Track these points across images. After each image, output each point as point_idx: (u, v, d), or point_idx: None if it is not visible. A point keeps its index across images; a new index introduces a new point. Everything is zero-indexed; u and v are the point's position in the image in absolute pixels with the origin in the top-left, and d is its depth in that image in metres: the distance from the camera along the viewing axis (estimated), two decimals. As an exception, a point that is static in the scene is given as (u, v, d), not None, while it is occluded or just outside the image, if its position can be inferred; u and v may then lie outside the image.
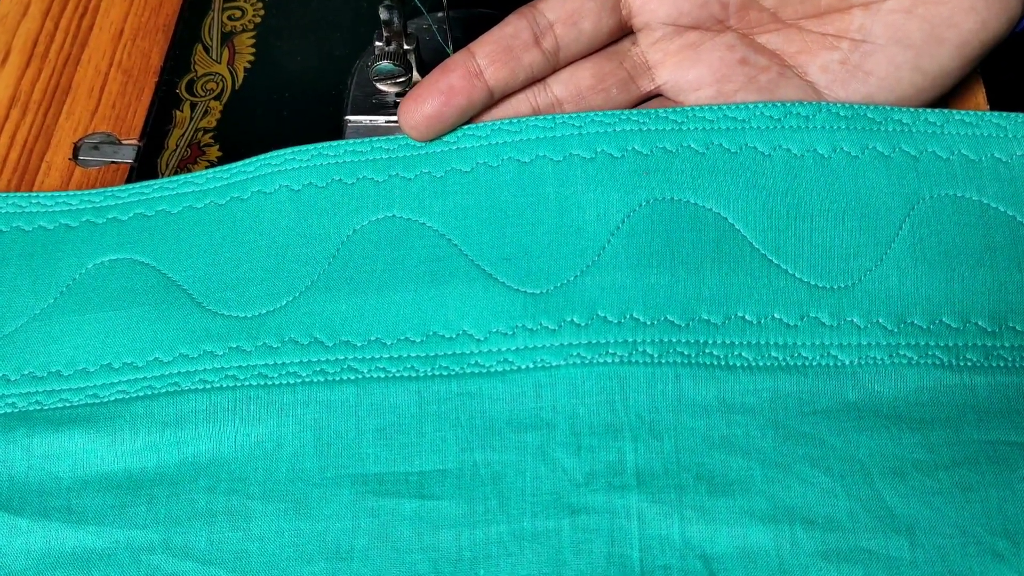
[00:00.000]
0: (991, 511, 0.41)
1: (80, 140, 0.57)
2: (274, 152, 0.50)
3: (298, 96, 0.58)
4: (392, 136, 0.49)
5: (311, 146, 0.49)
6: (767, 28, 0.50)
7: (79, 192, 0.51)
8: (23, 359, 0.47)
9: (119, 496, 0.44)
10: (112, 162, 0.56)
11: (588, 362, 0.44)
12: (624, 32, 0.50)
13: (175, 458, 0.44)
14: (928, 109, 0.48)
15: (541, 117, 0.48)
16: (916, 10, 0.47)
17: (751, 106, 0.47)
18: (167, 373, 0.46)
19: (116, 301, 0.48)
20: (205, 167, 0.54)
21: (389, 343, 0.46)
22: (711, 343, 0.44)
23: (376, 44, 0.55)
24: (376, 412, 0.45)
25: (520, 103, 0.49)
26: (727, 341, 0.44)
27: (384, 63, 0.54)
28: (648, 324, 0.45)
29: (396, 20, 0.53)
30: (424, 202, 0.48)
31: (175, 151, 0.56)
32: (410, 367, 0.45)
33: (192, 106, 0.57)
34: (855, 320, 0.44)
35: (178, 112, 0.57)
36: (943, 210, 0.46)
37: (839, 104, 0.48)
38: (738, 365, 0.44)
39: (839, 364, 0.44)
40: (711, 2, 0.49)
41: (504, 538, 0.42)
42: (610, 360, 0.44)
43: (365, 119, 0.56)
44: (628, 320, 0.45)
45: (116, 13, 0.62)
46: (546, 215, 0.47)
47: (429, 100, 0.47)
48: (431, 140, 0.49)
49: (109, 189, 0.51)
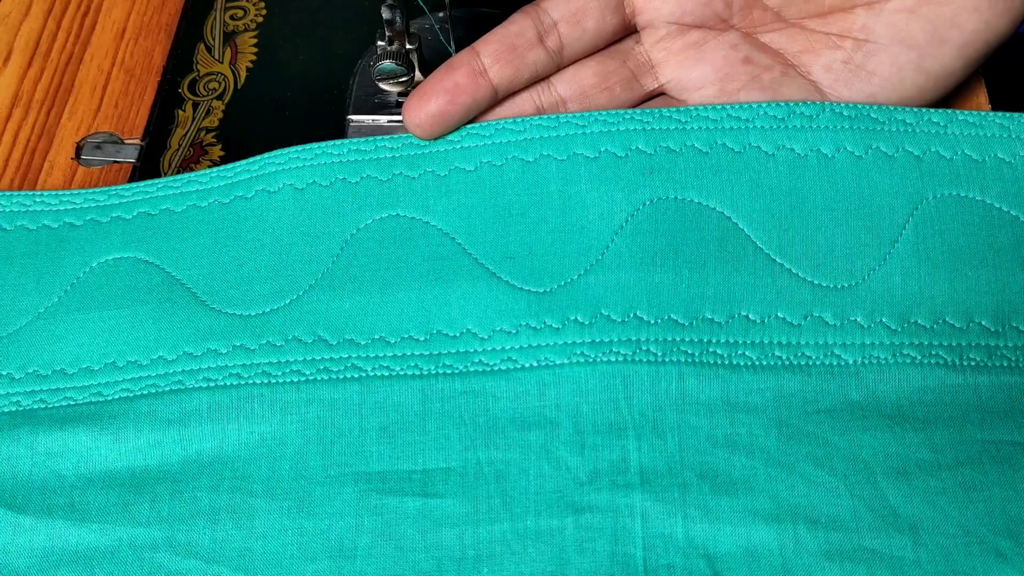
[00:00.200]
0: (994, 511, 0.41)
1: (83, 139, 0.57)
2: (278, 151, 0.50)
3: (300, 96, 0.58)
4: (395, 135, 0.49)
5: (314, 145, 0.49)
6: (770, 27, 0.50)
7: (83, 191, 0.51)
8: (27, 357, 0.47)
9: (123, 494, 0.44)
10: (115, 161, 0.56)
11: (592, 361, 0.44)
12: (628, 31, 0.50)
13: (178, 456, 0.44)
14: (932, 109, 0.48)
15: (545, 116, 0.48)
16: (919, 10, 0.47)
17: (755, 106, 0.47)
18: (171, 371, 0.46)
19: (120, 300, 0.48)
20: (208, 166, 0.54)
21: (393, 341, 0.46)
22: (715, 342, 0.44)
23: (378, 44, 0.55)
24: (380, 410, 0.45)
25: (524, 102, 0.49)
26: (731, 340, 0.44)
27: (386, 63, 0.54)
28: (652, 323, 0.45)
29: (398, 19, 0.53)
30: (428, 201, 0.48)
31: (178, 150, 0.56)
32: (414, 365, 0.45)
33: (194, 105, 0.58)
34: (859, 320, 0.44)
35: (180, 111, 0.57)
36: (946, 210, 0.46)
37: (843, 104, 0.48)
38: (742, 364, 0.44)
39: (843, 364, 0.44)
40: (715, 1, 0.49)
41: (508, 537, 0.42)
42: (614, 359, 0.44)
43: (367, 118, 0.56)
44: (632, 319, 0.45)
45: (118, 12, 0.62)
46: (550, 214, 0.47)
47: (434, 98, 0.47)
48: (435, 139, 0.49)
49: (113, 188, 0.51)
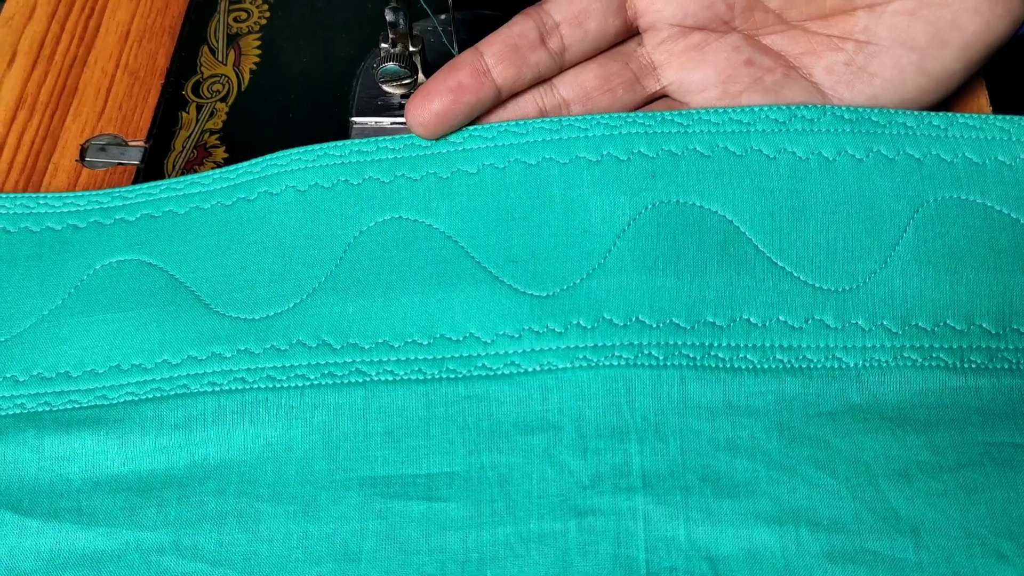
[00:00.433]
0: (996, 513, 0.41)
1: (87, 141, 0.57)
2: (280, 152, 0.50)
3: (304, 98, 0.58)
4: (397, 136, 0.49)
5: (317, 146, 0.49)
6: (772, 29, 0.50)
7: (86, 193, 0.51)
8: (32, 360, 0.47)
9: (129, 498, 0.44)
10: (119, 163, 0.56)
11: (594, 365, 0.44)
12: (630, 33, 0.50)
13: (184, 460, 0.45)
14: (932, 112, 0.48)
15: (547, 119, 0.48)
16: (920, 12, 0.47)
17: (756, 109, 0.47)
18: (176, 375, 0.46)
19: (124, 302, 0.48)
20: (211, 168, 0.54)
21: (396, 345, 0.46)
22: (716, 346, 0.44)
23: (381, 46, 0.56)
24: (384, 415, 0.45)
25: (527, 104, 0.49)
26: (732, 344, 0.45)
27: (390, 65, 0.54)
28: (654, 327, 0.45)
29: (402, 22, 0.53)
30: (430, 203, 0.48)
31: (181, 152, 0.56)
32: (417, 370, 0.45)
33: (198, 108, 0.58)
34: (859, 323, 0.44)
35: (184, 114, 0.57)
36: (947, 213, 0.46)
37: (844, 107, 0.48)
38: (743, 368, 0.44)
39: (844, 366, 0.44)
40: (717, 3, 0.49)
41: (511, 540, 0.42)
42: (616, 363, 0.44)
43: (370, 120, 0.56)
44: (634, 323, 0.45)
45: (122, 15, 0.62)
46: (552, 217, 0.47)
47: (438, 98, 0.47)
48: (438, 138, 0.49)
49: (116, 190, 0.51)
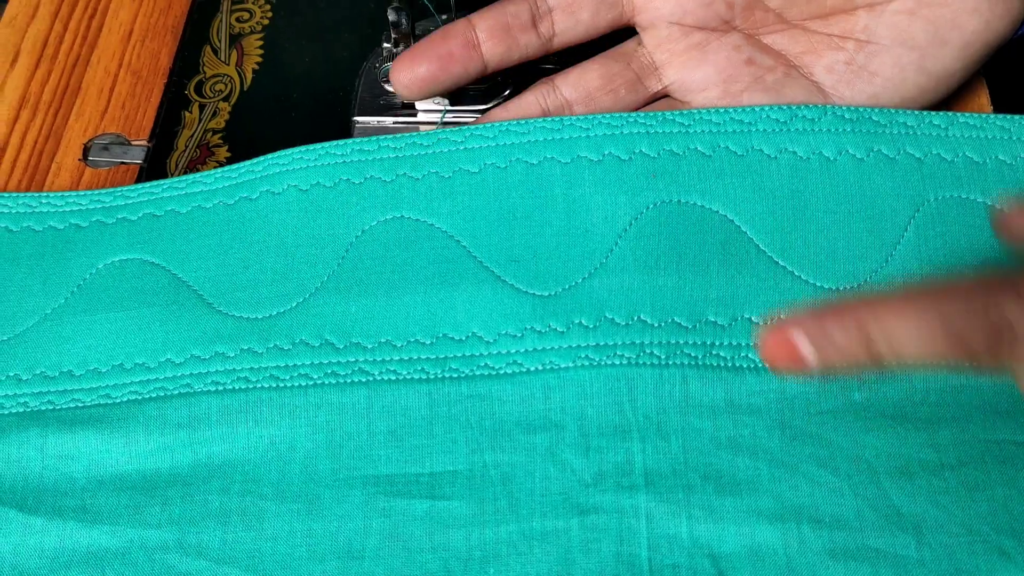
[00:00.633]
0: (997, 510, 0.42)
1: (90, 141, 0.57)
2: (281, 151, 0.50)
3: (306, 97, 0.58)
4: (399, 135, 0.50)
5: (318, 145, 0.50)
6: (773, 28, 0.50)
7: (88, 192, 0.51)
8: (35, 359, 0.47)
9: (133, 496, 0.44)
10: (122, 163, 0.56)
11: (596, 364, 0.44)
12: (622, 27, 0.51)
13: (188, 459, 0.45)
14: (932, 112, 0.48)
15: (548, 119, 0.48)
16: (920, 12, 0.47)
17: (757, 109, 0.47)
18: (179, 374, 0.46)
19: (127, 301, 0.48)
20: (214, 167, 0.54)
21: (399, 345, 0.46)
22: (718, 345, 0.45)
23: (384, 46, 0.56)
24: (387, 414, 0.45)
25: (529, 105, 0.50)
26: (734, 343, 0.45)
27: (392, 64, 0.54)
28: (655, 326, 0.45)
29: (404, 21, 0.53)
30: (432, 203, 0.48)
31: (184, 152, 0.56)
32: (420, 369, 0.45)
33: (201, 107, 0.58)
34: (861, 321, 0.45)
35: (187, 113, 0.57)
36: (948, 212, 0.46)
37: (844, 107, 0.48)
38: (745, 366, 0.44)
39: None
40: (716, 2, 0.49)
41: (514, 538, 0.42)
42: (618, 362, 0.44)
43: (373, 120, 0.56)
44: (636, 322, 0.45)
45: (125, 15, 0.62)
46: (554, 217, 0.47)
47: (426, 63, 0.48)
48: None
49: (119, 189, 0.51)
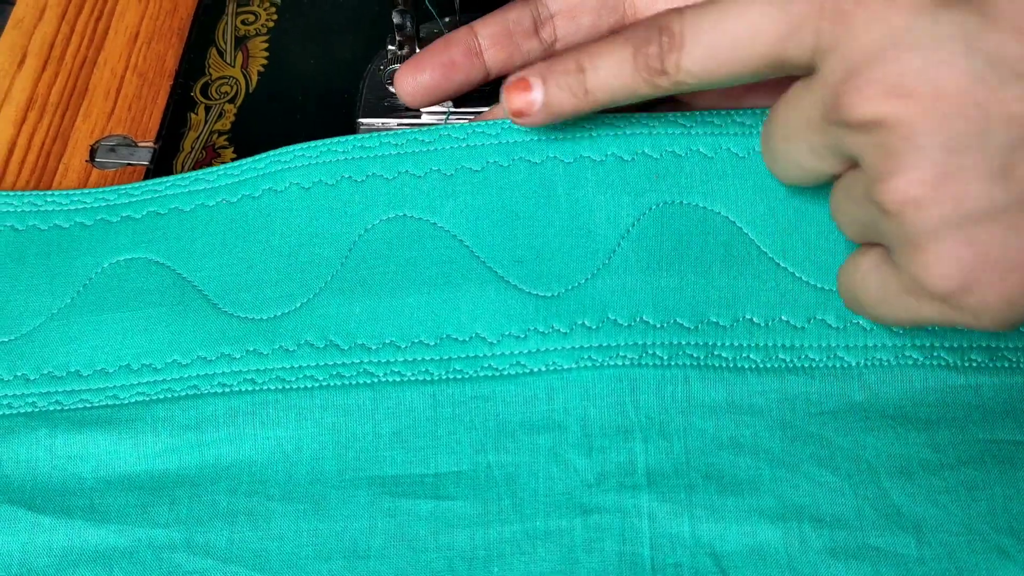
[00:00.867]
0: (997, 509, 0.42)
1: (97, 142, 0.57)
2: (283, 148, 0.50)
3: (311, 99, 0.58)
4: (400, 131, 0.50)
5: (319, 142, 0.50)
6: None
7: (93, 190, 0.51)
8: (42, 358, 0.47)
9: (141, 496, 0.44)
10: (128, 164, 0.57)
11: (599, 365, 0.45)
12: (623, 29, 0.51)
13: (196, 460, 0.45)
14: None
15: None
16: None
17: (759, 112, 0.47)
18: (186, 376, 0.46)
19: (133, 301, 0.48)
20: (220, 169, 0.54)
21: (403, 346, 0.46)
22: (720, 345, 0.45)
23: (389, 48, 0.56)
24: (392, 416, 0.45)
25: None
26: (735, 343, 0.45)
27: (397, 67, 0.54)
28: (658, 327, 0.45)
29: (408, 24, 0.53)
30: (435, 201, 0.48)
31: (190, 153, 0.56)
32: (424, 370, 0.46)
33: (207, 109, 0.58)
34: (861, 322, 0.44)
35: (193, 115, 0.58)
36: None
37: None
38: (746, 367, 0.44)
39: (846, 365, 0.44)
40: None
41: (518, 537, 0.42)
42: (621, 363, 0.44)
43: (377, 121, 0.56)
44: (638, 323, 0.45)
45: (131, 17, 0.63)
46: (557, 217, 0.47)
47: (429, 71, 0.49)
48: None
49: (122, 187, 0.51)
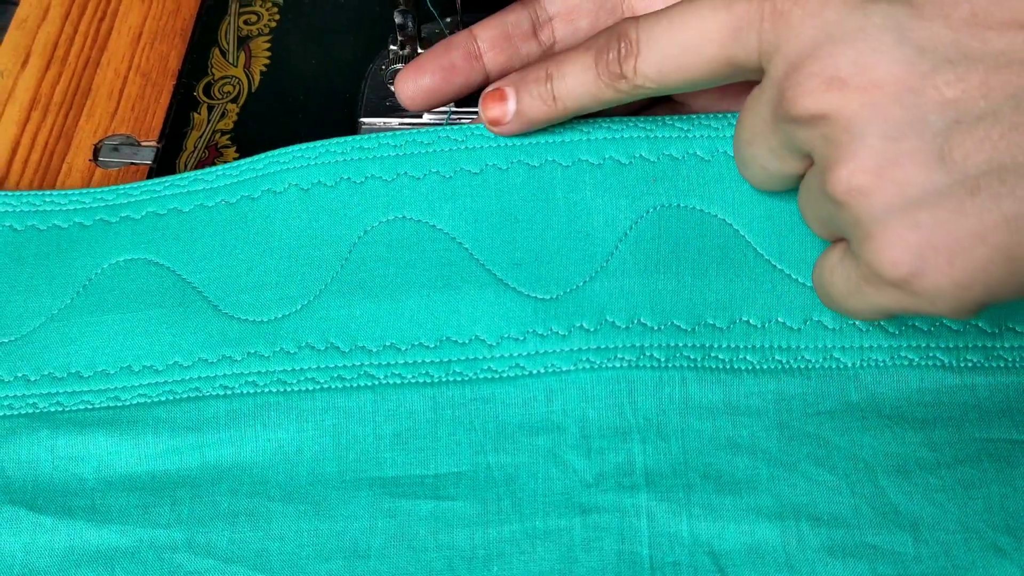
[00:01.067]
0: (993, 507, 0.42)
1: (100, 142, 0.58)
2: (282, 149, 0.50)
3: (313, 98, 0.59)
4: (399, 132, 0.50)
5: (319, 143, 0.50)
6: None
7: (92, 190, 0.51)
8: (43, 359, 0.47)
9: (143, 497, 0.44)
10: (131, 163, 0.57)
11: (597, 367, 0.45)
12: None
13: (197, 461, 0.45)
14: None
15: None
16: None
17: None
18: (187, 378, 0.46)
19: (133, 302, 0.48)
20: (222, 168, 0.54)
21: (404, 348, 0.46)
22: (716, 347, 0.45)
23: (390, 48, 0.56)
24: (392, 418, 0.45)
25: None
26: (732, 345, 0.45)
27: (399, 66, 0.55)
28: (655, 329, 0.45)
29: (410, 24, 0.54)
30: (434, 204, 0.48)
31: (193, 152, 0.56)
32: (424, 373, 0.46)
33: (209, 108, 0.58)
34: (857, 324, 0.45)
35: (196, 114, 0.58)
36: None
37: None
38: (743, 368, 0.45)
39: (842, 366, 0.44)
40: None
41: (517, 537, 0.43)
42: (618, 364, 0.45)
43: (379, 121, 0.57)
44: (636, 325, 0.45)
45: (134, 17, 0.63)
46: (555, 220, 0.47)
47: (429, 74, 0.48)
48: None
49: (122, 187, 0.51)
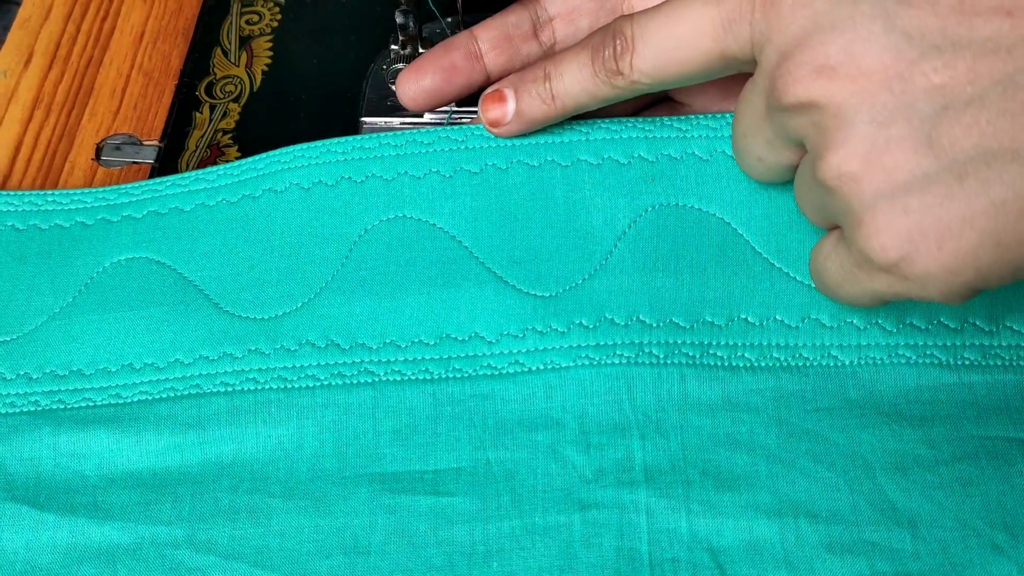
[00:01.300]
0: (990, 505, 0.42)
1: (102, 141, 0.58)
2: (283, 148, 0.50)
3: (314, 98, 0.59)
4: (400, 132, 0.50)
5: (319, 142, 0.50)
6: None
7: (94, 189, 0.51)
8: (45, 357, 0.48)
9: (144, 494, 0.45)
10: (134, 162, 0.57)
11: (596, 363, 0.45)
12: None
13: (198, 458, 0.45)
14: None
15: None
16: None
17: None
18: (188, 375, 0.47)
19: (135, 301, 0.48)
20: (224, 167, 0.55)
21: (403, 345, 0.46)
22: (715, 344, 0.45)
23: (392, 48, 0.56)
24: (392, 414, 0.45)
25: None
26: (730, 342, 0.45)
27: (400, 66, 0.55)
28: (654, 326, 0.45)
29: (411, 24, 0.54)
30: (434, 203, 0.48)
31: (195, 152, 0.57)
32: (424, 369, 0.46)
33: (211, 108, 0.59)
34: (855, 321, 0.45)
35: (198, 114, 0.58)
36: None
37: None
38: (741, 365, 0.45)
39: (839, 364, 0.45)
40: None
41: (517, 532, 0.43)
42: (618, 361, 0.45)
43: (380, 120, 0.57)
44: (635, 322, 0.45)
45: (137, 17, 0.63)
46: (555, 219, 0.47)
47: (430, 75, 0.49)
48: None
49: (123, 186, 0.51)
